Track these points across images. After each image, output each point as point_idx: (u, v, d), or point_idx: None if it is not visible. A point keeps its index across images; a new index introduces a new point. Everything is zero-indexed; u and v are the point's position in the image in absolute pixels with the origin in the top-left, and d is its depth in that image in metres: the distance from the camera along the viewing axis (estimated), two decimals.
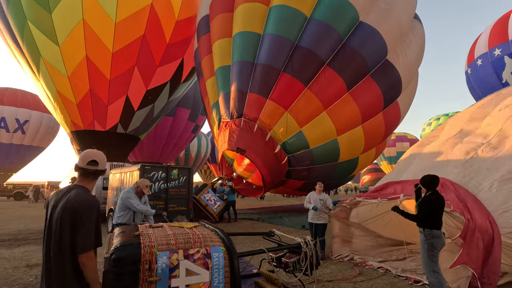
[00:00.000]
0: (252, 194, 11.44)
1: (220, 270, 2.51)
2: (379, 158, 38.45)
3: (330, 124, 9.46)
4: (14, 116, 23.47)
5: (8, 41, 12.41)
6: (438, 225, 3.38)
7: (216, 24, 10.46)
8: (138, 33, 11.81)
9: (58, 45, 11.13)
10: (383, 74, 9.48)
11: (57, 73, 11.51)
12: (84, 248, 1.76)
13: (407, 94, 10.71)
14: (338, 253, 5.55)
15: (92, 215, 1.83)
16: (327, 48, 9.04)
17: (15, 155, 25.11)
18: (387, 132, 10.78)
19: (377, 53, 9.32)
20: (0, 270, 5.04)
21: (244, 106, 9.62)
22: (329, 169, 10.47)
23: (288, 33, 9.10)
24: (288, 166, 9.99)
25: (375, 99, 9.64)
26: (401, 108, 10.56)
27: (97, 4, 10.93)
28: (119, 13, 11.24)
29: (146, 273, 2.25)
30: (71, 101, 12.03)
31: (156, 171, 8.10)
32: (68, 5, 10.78)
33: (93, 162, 1.98)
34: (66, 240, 1.76)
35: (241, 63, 9.62)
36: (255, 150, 9.48)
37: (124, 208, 4.29)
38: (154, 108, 14.25)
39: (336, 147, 9.85)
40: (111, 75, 11.82)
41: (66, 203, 1.82)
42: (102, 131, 12.77)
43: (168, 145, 18.40)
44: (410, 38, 10.18)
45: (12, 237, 8.02)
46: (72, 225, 1.77)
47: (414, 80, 11.05)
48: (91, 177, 1.99)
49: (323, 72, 9.16)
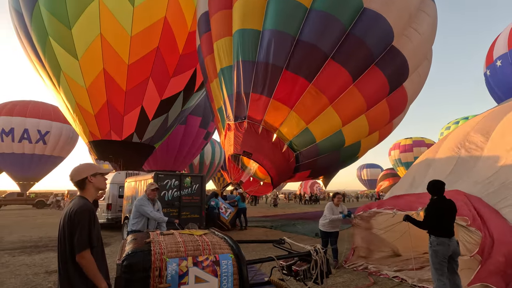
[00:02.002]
0: (260, 192, 11.20)
1: (229, 278, 2.52)
2: (396, 163, 37.48)
3: (336, 118, 9.16)
4: (36, 127, 24.51)
5: (31, 56, 13.10)
6: (444, 232, 3.27)
7: (215, 23, 10.04)
8: (153, 45, 12.20)
9: (77, 59, 11.65)
10: (388, 61, 8.97)
11: (76, 85, 12.02)
12: (78, 248, 1.98)
13: (417, 77, 10.13)
14: (353, 262, 5.44)
15: (84, 219, 2.03)
16: (330, 40, 8.54)
17: (37, 165, 26.11)
18: (392, 116, 10.32)
19: (383, 40, 8.76)
20: (22, 276, 5.24)
21: (247, 108, 9.30)
22: (334, 156, 10.31)
23: (288, 28, 8.61)
24: (295, 163, 9.81)
25: (380, 87, 9.23)
26: (408, 92, 10.03)
27: (114, 19, 11.40)
28: (134, 27, 11.68)
29: (156, 280, 2.28)
30: (89, 112, 12.50)
31: (169, 179, 8.24)
32: (86, 21, 11.30)
33: (70, 179, 2.27)
34: (67, 243, 2.02)
35: (242, 63, 9.24)
36: (262, 152, 9.24)
37: (138, 216, 4.39)
38: (168, 117, 14.58)
39: (341, 138, 9.64)
40: (127, 87, 12.23)
41: (67, 211, 2.11)
42: (118, 140, 13.15)
43: (181, 153, 18.69)
44: (420, 19, 9.39)
45: (33, 244, 8.32)
46: (70, 229, 2.02)
47: (426, 61, 10.39)
48: (78, 188, 2.25)
49: (327, 66, 8.66)
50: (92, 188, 2.25)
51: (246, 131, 9.28)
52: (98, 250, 2.14)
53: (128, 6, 11.45)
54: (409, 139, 37.81)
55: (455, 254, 3.31)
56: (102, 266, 2.16)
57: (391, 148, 39.03)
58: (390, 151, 38.87)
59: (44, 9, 11.25)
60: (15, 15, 12.62)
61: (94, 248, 2.06)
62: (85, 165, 2.31)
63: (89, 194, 2.23)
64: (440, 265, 3.21)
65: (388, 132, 11.25)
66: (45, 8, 11.24)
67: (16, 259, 6.51)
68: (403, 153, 36.81)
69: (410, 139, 37.78)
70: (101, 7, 11.18)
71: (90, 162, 2.47)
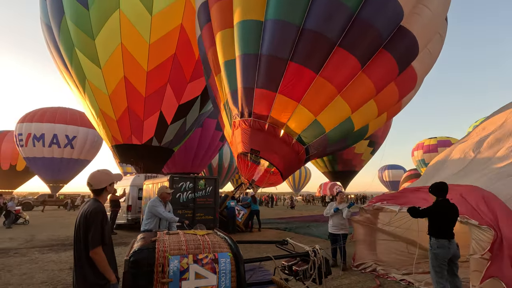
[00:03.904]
0: (270, 184, 10.79)
1: (227, 275, 2.70)
2: (419, 164, 36.21)
3: (345, 106, 8.77)
4: (64, 132, 26.01)
5: (60, 66, 14.02)
6: (444, 234, 3.27)
7: (215, 13, 9.49)
8: (170, 52, 12.67)
9: (100, 67, 12.35)
10: (397, 43, 8.44)
11: (99, 92, 12.74)
12: (92, 245, 2.24)
13: (426, 54, 9.51)
14: (361, 260, 5.44)
15: (97, 219, 2.31)
16: (337, 27, 7.97)
17: (65, 168, 27.64)
18: (401, 96, 9.85)
19: (392, 21, 8.19)
20: (48, 272, 5.69)
21: (252, 104, 8.84)
22: (342, 142, 10.17)
23: (291, 17, 8.06)
24: (306, 155, 9.50)
25: (390, 70, 8.75)
26: (418, 71, 9.48)
27: (133, 28, 11.98)
28: (152, 35, 12.20)
29: (160, 275, 2.51)
30: (111, 117, 13.18)
31: (184, 181, 8.57)
32: (108, 31, 11.96)
33: (88, 184, 2.51)
34: (82, 240, 2.29)
35: (245, 56, 8.72)
36: (270, 149, 8.89)
37: (151, 216, 4.68)
38: (187, 121, 15.03)
39: (350, 124, 9.33)
40: (146, 92, 12.79)
41: (82, 211, 2.39)
42: (138, 144, 13.74)
43: (198, 156, 19.17)
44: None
45: (60, 243, 8.92)
46: (85, 228, 2.29)
47: (437, 36, 9.69)
48: (95, 193, 2.50)
49: (335, 54, 8.13)
50: (106, 195, 2.58)
51: (252, 128, 8.89)
52: (108, 247, 2.39)
53: (147, 15, 12.00)
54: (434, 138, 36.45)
55: (455, 257, 3.30)
56: (111, 261, 2.42)
57: (414, 149, 37.78)
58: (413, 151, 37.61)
59: (70, 22, 12.04)
60: (45, 29, 13.59)
61: (105, 246, 2.32)
62: (104, 175, 2.57)
63: (103, 199, 2.55)
64: (440, 267, 3.22)
65: (396, 111, 10.77)
66: (71, 21, 12.03)
67: (45, 256, 7.04)
68: (427, 154, 35.49)
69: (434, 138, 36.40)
70: (121, 17, 11.79)
71: (106, 169, 2.75)
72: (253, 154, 8.99)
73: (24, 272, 5.67)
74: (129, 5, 11.76)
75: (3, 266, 6.08)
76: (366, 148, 23.34)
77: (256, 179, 9.54)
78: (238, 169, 10.51)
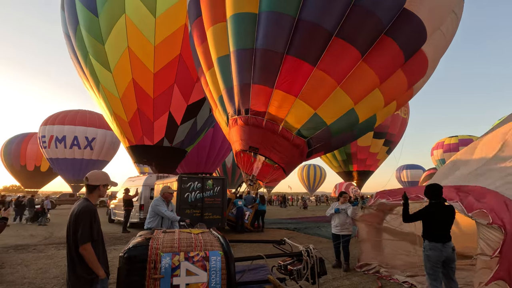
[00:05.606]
0: (274, 180, 10.51)
1: (217, 272, 2.77)
2: (439, 164, 35.04)
3: (346, 98, 8.42)
4: (84, 134, 27.09)
5: (79, 72, 14.66)
6: (436, 237, 3.20)
7: (206, 7, 9.12)
8: (175, 52, 12.82)
9: (110, 71, 12.78)
10: (401, 27, 7.91)
11: (111, 96, 13.19)
12: (81, 241, 2.36)
13: (440, 36, 8.88)
14: (365, 261, 5.38)
15: (86, 217, 2.43)
16: (334, 16, 7.57)
17: (85, 169, 28.69)
18: (411, 83, 9.28)
19: (394, 5, 7.67)
20: (62, 267, 5.97)
21: (249, 100, 8.57)
22: (349, 133, 9.71)
23: (286, 8, 7.70)
24: (308, 148, 9.18)
25: (394, 57, 8.25)
26: (429, 55, 8.85)
27: (138, 31, 12.24)
28: (157, 37, 12.39)
29: (152, 271, 2.62)
30: (123, 119, 13.60)
31: (192, 181, 8.74)
32: (116, 36, 12.30)
33: (85, 179, 2.60)
34: (72, 237, 2.43)
35: (239, 51, 8.40)
36: (268, 146, 8.64)
37: (154, 215, 4.83)
38: (197, 121, 15.23)
39: (354, 116, 8.92)
40: (154, 94, 13.08)
41: (72, 210, 2.51)
42: (150, 145, 14.10)
43: (210, 156, 19.42)
44: None
45: None
46: (75, 226, 2.42)
47: (452, 15, 8.99)
48: (88, 190, 2.61)
49: (332, 45, 7.74)
50: (97, 194, 2.68)
51: (250, 125, 8.64)
52: (98, 243, 2.53)
53: (151, 17, 12.20)
54: (455, 137, 35.24)
55: (449, 260, 3.21)
56: (102, 256, 2.55)
57: (433, 148, 36.66)
58: (433, 150, 36.50)
59: (83, 30, 12.54)
60: (66, 38, 14.29)
61: (94, 241, 2.45)
62: (102, 175, 2.72)
63: (93, 198, 2.66)
64: (433, 270, 3.16)
65: (408, 98, 10.22)
66: (84, 29, 12.52)
67: (60, 252, 7.38)
68: (447, 153, 34.32)
69: (455, 137, 35.19)
70: (127, 21, 12.07)
71: (107, 172, 2.91)
72: (251, 152, 8.77)
73: (40, 267, 5.99)
74: (133, 8, 12.01)
75: (22, 261, 6.44)
76: (381, 147, 22.82)
77: (256, 174, 9.18)
78: (238, 166, 10.05)
